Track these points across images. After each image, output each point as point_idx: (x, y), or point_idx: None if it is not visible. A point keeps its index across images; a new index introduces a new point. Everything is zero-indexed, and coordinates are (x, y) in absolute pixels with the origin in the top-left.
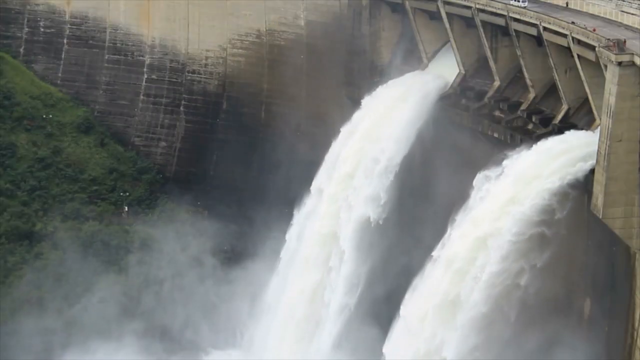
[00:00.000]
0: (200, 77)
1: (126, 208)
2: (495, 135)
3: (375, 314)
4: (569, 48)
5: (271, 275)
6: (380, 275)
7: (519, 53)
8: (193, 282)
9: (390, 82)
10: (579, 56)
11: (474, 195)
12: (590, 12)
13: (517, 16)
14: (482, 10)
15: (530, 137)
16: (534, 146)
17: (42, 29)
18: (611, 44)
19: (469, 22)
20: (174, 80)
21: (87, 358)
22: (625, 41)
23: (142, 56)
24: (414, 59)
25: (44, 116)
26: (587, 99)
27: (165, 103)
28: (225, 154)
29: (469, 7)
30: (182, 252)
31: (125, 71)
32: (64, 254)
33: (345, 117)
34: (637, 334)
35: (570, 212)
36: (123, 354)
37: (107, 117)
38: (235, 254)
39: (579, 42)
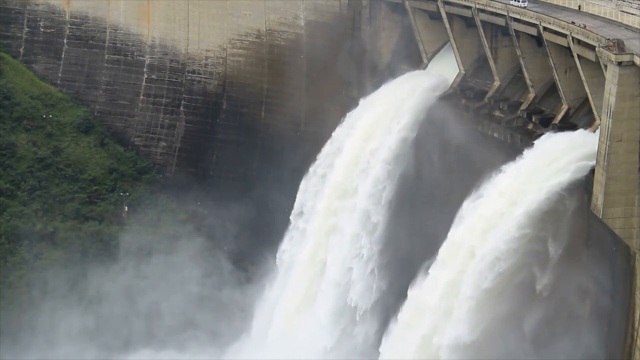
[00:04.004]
0: (200, 77)
1: (126, 208)
2: (495, 135)
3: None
4: (569, 48)
5: (271, 275)
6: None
7: (519, 53)
8: (193, 283)
9: (390, 82)
10: (579, 56)
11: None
12: (590, 12)
13: (517, 16)
14: (482, 10)
15: (530, 137)
16: (533, 146)
17: (42, 29)
18: (611, 44)
19: (469, 22)
20: (174, 80)
21: (86, 357)
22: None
23: (142, 56)
24: (414, 59)
25: (44, 116)
26: (587, 99)
27: (165, 103)
28: (225, 154)
29: (469, 7)
30: (181, 252)
31: (125, 71)
32: (64, 254)
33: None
34: (637, 334)
35: (570, 212)
36: (123, 354)
37: (107, 117)
38: (235, 254)
39: (579, 42)
